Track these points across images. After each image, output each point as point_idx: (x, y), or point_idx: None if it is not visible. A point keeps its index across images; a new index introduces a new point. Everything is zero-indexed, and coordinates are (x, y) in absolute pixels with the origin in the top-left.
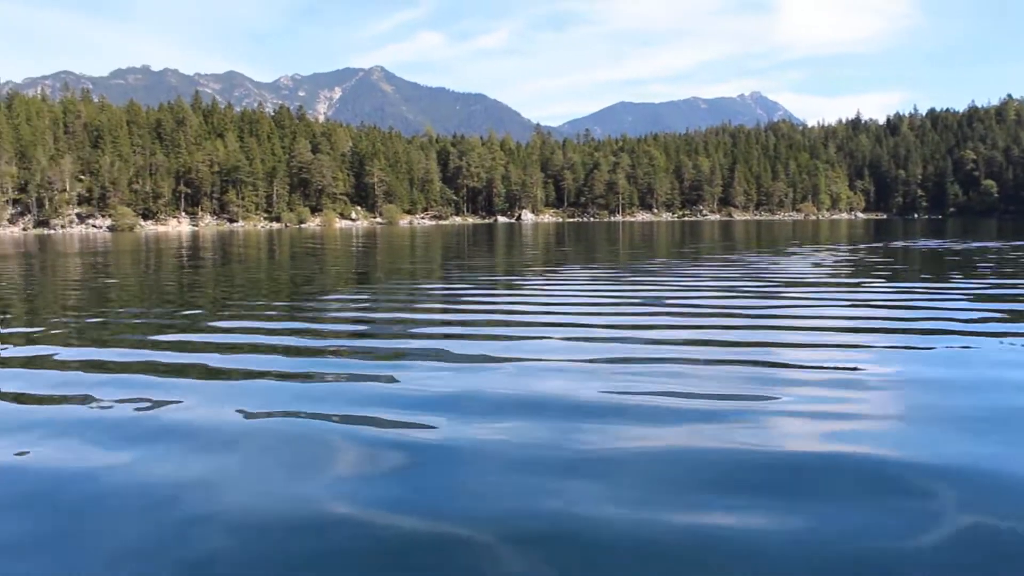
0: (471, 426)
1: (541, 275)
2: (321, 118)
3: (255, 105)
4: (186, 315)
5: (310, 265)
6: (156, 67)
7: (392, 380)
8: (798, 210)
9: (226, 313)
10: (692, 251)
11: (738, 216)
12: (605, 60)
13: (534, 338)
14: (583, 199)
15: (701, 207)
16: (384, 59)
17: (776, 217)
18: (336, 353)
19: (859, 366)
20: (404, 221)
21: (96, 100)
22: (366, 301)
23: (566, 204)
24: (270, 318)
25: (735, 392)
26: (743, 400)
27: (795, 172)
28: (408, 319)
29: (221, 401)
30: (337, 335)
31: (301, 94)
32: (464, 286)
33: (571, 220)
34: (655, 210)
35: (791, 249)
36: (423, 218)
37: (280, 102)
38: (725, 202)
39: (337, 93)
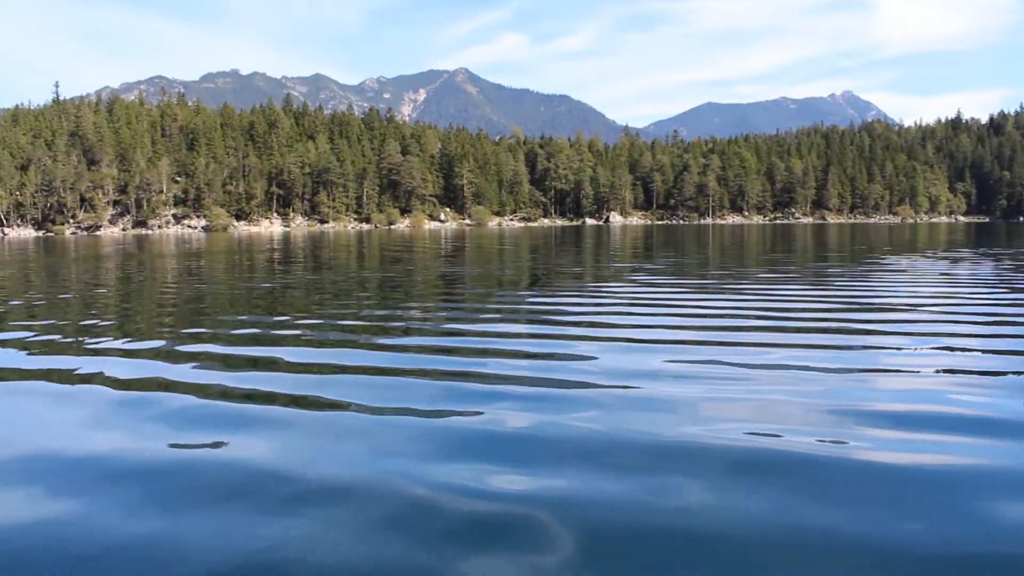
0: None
1: (644, 283)
2: (406, 120)
3: (341, 107)
4: (276, 320)
5: (400, 269)
6: (245, 71)
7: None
8: (895, 213)
9: (311, 321)
10: (813, 256)
11: (832, 219)
12: (691, 60)
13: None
14: (672, 201)
15: (793, 210)
16: (468, 61)
17: (872, 220)
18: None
19: None
20: (493, 223)
21: (191, 104)
22: (454, 310)
23: (655, 206)
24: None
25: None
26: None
27: (892, 174)
28: (497, 331)
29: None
30: (424, 349)
31: (386, 96)
32: (564, 296)
33: (660, 222)
34: (746, 212)
35: (913, 256)
36: (512, 220)
37: (365, 104)
38: (818, 205)
39: (421, 95)
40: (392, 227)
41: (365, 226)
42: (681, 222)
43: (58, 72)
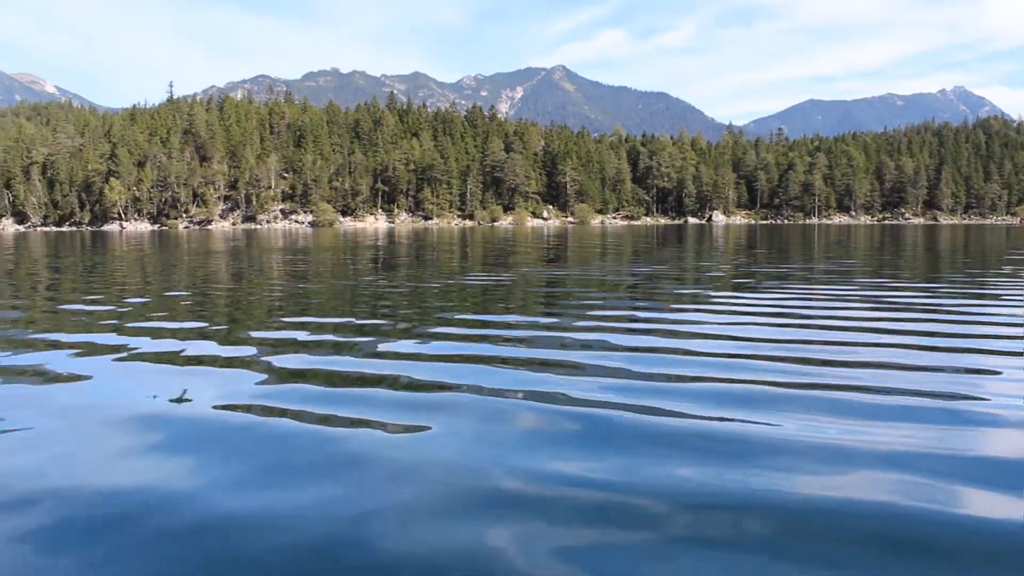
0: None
1: (767, 289)
2: (502, 118)
3: (439, 105)
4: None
5: (501, 271)
6: (345, 69)
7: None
8: (1012, 214)
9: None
10: (961, 264)
11: (944, 220)
12: (793, 56)
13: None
14: (777, 200)
15: (903, 210)
16: (566, 58)
17: (988, 221)
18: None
19: None
20: (595, 221)
21: (297, 102)
22: (556, 317)
23: (759, 205)
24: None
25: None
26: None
27: (1011, 173)
28: (597, 341)
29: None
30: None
31: (483, 94)
32: (675, 306)
33: (764, 222)
34: (853, 212)
35: None
36: (614, 218)
37: (463, 102)
38: (930, 205)
39: (519, 93)
40: (495, 224)
41: (468, 223)
42: (786, 221)
43: (168, 73)
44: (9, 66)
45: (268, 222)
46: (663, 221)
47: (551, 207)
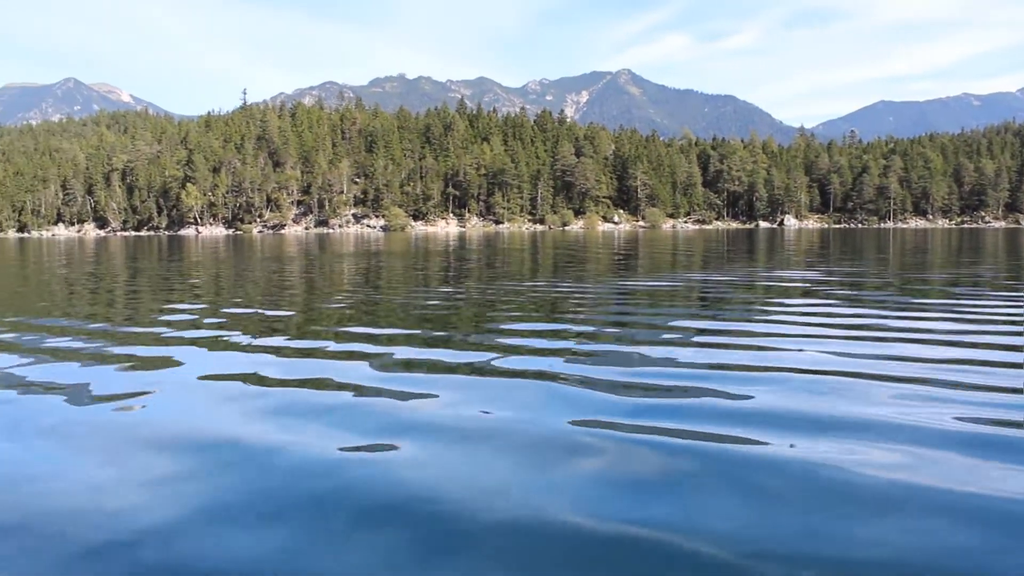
0: None
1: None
2: (570, 122)
3: (504, 110)
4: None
5: (571, 279)
6: (411, 75)
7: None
8: None
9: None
10: None
11: None
12: (863, 57)
13: None
14: (851, 204)
15: (983, 213)
16: (631, 62)
17: None
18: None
19: None
20: (667, 225)
21: (368, 108)
22: (625, 328)
23: (831, 209)
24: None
25: None
26: None
27: None
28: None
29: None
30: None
31: (548, 98)
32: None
33: (837, 226)
34: (930, 216)
35: None
36: (685, 222)
37: (528, 106)
38: (1012, 208)
39: (584, 97)
40: (566, 228)
41: (539, 227)
42: (859, 225)
43: (237, 81)
44: (87, 76)
45: (340, 226)
46: (734, 225)
47: (622, 211)
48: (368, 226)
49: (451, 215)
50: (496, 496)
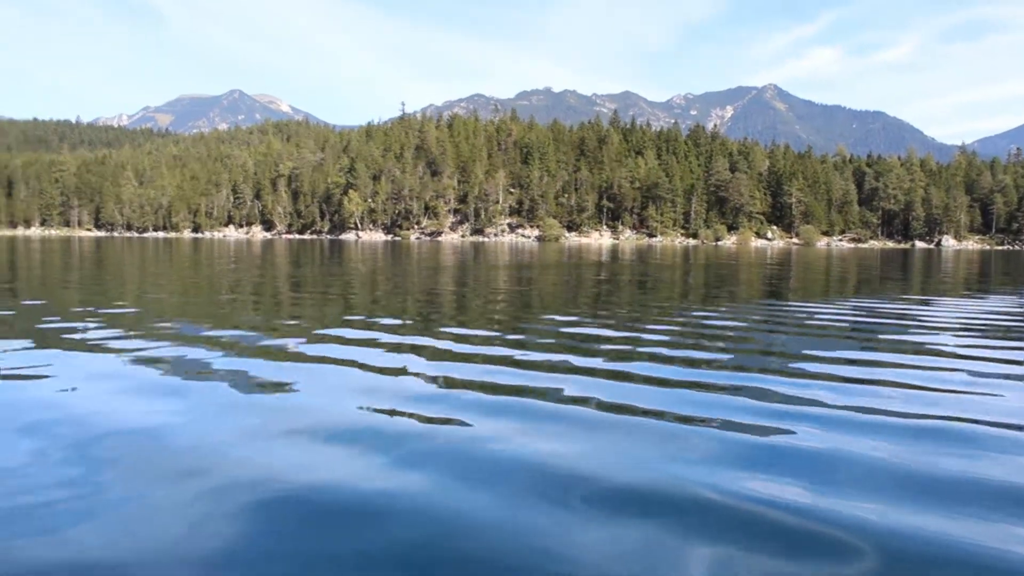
0: None
1: None
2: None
3: (650, 123)
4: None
5: (723, 302)
6: (557, 88)
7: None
8: None
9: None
10: None
11: None
12: (1021, 71)
13: None
14: (1016, 225)
15: None
16: (777, 77)
17: None
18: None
19: None
20: (821, 243)
21: (524, 120)
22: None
23: (994, 230)
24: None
25: None
26: None
27: None
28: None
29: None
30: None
31: (693, 113)
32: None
33: (1000, 248)
34: None
35: None
36: (840, 240)
37: (672, 121)
38: None
39: (728, 112)
40: (718, 243)
41: (692, 241)
42: None
43: (390, 92)
44: (251, 88)
45: (495, 235)
46: (889, 244)
47: (775, 227)
48: (523, 236)
49: (605, 227)
50: None
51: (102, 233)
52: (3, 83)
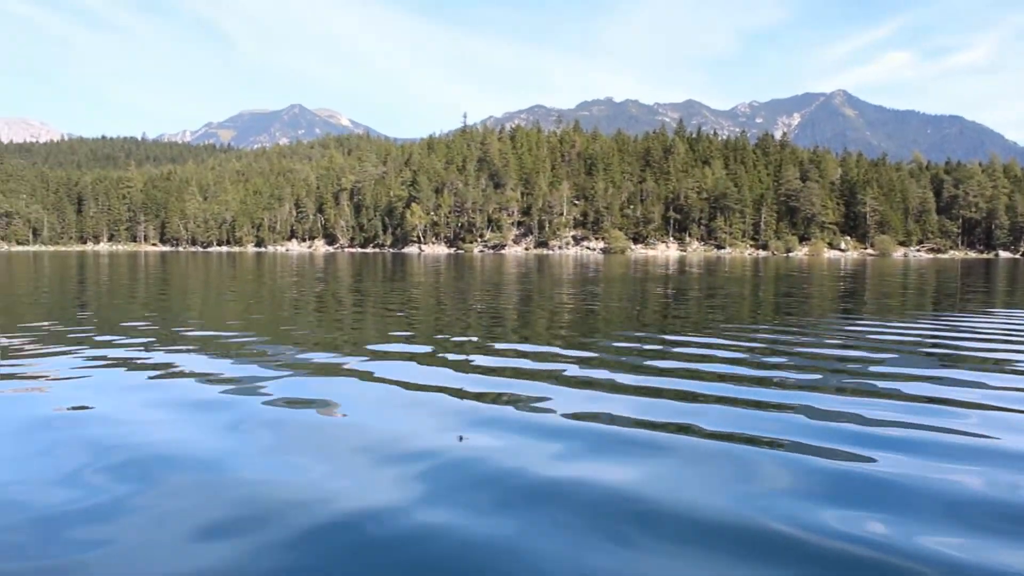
0: None
1: None
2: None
3: (714, 132)
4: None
5: (795, 317)
6: (618, 98)
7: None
8: None
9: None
10: None
11: None
12: None
13: None
14: None
15: None
16: (846, 82)
17: None
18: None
19: None
20: (897, 253)
21: (587, 131)
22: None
23: None
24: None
25: None
26: None
27: None
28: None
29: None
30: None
31: (758, 120)
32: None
33: None
34: None
35: None
36: (918, 250)
37: (737, 129)
38: None
39: (796, 119)
40: (789, 255)
41: (762, 253)
42: None
43: (447, 104)
44: (310, 102)
45: (560, 248)
46: (971, 255)
47: (848, 238)
48: (588, 248)
49: (671, 238)
50: None
51: (167, 248)
52: (75, 103)
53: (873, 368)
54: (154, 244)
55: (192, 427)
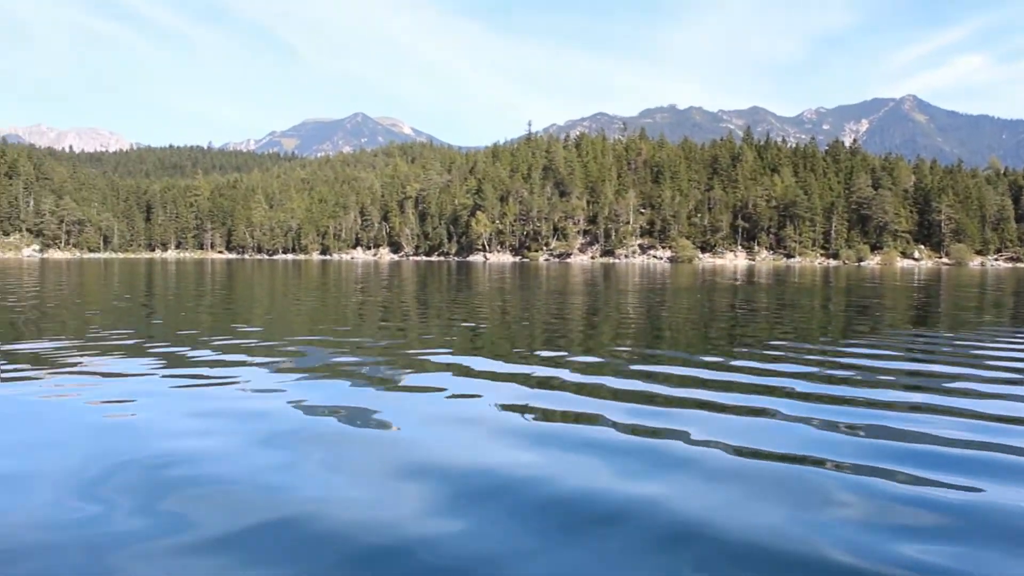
0: None
1: None
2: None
3: (779, 139)
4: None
5: (864, 335)
6: (681, 106)
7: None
8: None
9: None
10: None
11: None
12: None
13: None
14: None
15: None
16: (916, 87)
17: None
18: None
19: None
20: (974, 262)
21: (653, 138)
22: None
23: None
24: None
25: None
26: None
27: None
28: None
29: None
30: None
31: (825, 127)
32: None
33: None
34: None
35: None
36: (996, 260)
37: (803, 136)
38: None
39: (864, 125)
40: (861, 264)
41: (832, 262)
42: None
43: (510, 112)
44: (373, 110)
45: (626, 256)
46: None
47: (922, 247)
48: (654, 257)
49: (739, 247)
50: None
51: (233, 255)
52: (143, 113)
53: (950, 385)
54: (220, 251)
55: (238, 438)
